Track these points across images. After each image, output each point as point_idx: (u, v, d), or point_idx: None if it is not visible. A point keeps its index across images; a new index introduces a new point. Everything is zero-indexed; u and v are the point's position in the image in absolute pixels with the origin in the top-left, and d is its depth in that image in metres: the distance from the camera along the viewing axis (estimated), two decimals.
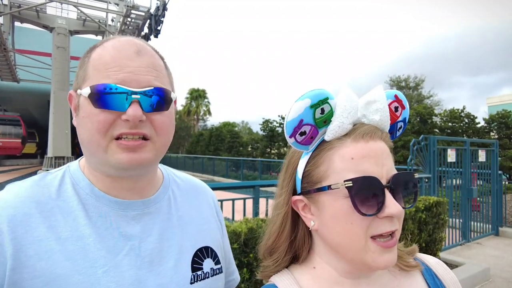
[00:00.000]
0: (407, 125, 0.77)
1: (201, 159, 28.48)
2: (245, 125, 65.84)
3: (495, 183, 7.53)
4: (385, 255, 0.62)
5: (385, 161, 0.64)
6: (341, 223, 0.64)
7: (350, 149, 0.63)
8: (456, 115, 24.91)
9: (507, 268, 5.33)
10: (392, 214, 0.61)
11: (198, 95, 50.48)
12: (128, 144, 0.73)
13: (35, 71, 25.92)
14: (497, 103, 36.74)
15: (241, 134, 41.14)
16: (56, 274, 0.67)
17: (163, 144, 0.80)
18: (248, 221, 2.57)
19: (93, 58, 0.76)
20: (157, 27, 19.73)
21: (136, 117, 0.71)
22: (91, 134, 0.73)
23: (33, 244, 0.68)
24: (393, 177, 0.63)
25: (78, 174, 0.81)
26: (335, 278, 0.70)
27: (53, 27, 19.08)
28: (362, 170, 0.61)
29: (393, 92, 0.73)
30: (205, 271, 0.86)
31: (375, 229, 0.62)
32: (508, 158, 20.35)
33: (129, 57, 0.75)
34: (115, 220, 0.77)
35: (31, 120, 38.25)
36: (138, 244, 0.78)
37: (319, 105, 0.64)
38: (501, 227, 7.46)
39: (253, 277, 2.41)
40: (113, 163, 0.74)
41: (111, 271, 0.72)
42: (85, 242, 0.72)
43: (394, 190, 0.62)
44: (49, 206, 0.73)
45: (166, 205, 0.87)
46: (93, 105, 0.72)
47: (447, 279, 0.76)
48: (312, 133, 0.66)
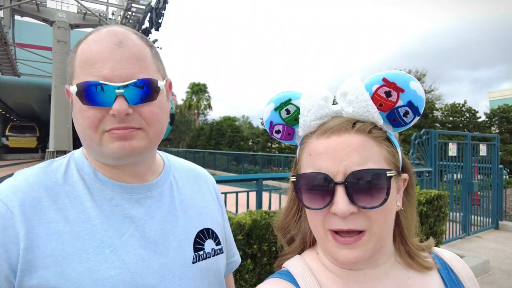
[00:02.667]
0: (420, 108, 0.66)
1: (202, 153, 28.49)
2: (245, 120, 65.67)
3: (496, 177, 7.56)
4: (343, 251, 0.62)
5: (345, 157, 0.61)
6: (308, 212, 0.69)
7: (311, 146, 0.66)
8: (457, 109, 24.85)
9: (507, 261, 5.38)
10: (336, 212, 0.60)
11: (199, 89, 50.28)
12: (118, 133, 0.75)
13: (36, 65, 25.80)
14: (498, 97, 36.60)
15: (242, 129, 41.04)
16: (66, 253, 0.71)
17: (155, 133, 0.82)
18: (252, 213, 2.60)
19: (78, 53, 0.78)
20: (158, 20, 19.57)
21: (121, 112, 0.73)
22: (83, 129, 0.77)
23: (43, 226, 0.72)
24: (350, 174, 0.60)
25: (83, 160, 0.85)
26: (339, 270, 0.70)
27: (53, 20, 18.94)
28: (317, 166, 0.64)
29: (381, 74, 0.65)
30: (207, 251, 0.90)
31: (328, 223, 0.63)
32: (509, 152, 20.35)
33: (110, 50, 0.75)
34: (119, 202, 0.81)
35: (32, 115, 38.19)
36: (142, 225, 0.81)
37: (282, 107, 0.72)
38: (501, 221, 7.51)
39: (257, 268, 2.45)
40: (107, 153, 0.77)
41: (118, 251, 0.76)
42: (92, 223, 0.76)
43: (351, 187, 0.60)
44: (56, 190, 0.77)
45: (168, 189, 0.91)
46: (81, 102, 0.75)
47: (462, 273, 0.75)
48: (287, 130, 0.75)
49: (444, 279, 0.73)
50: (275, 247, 2.52)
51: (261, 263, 2.45)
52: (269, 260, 2.49)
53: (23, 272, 0.69)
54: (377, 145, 0.64)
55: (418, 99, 0.65)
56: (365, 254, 0.62)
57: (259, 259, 2.44)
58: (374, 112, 0.64)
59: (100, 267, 0.72)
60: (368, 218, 0.61)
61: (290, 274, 0.70)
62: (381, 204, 0.61)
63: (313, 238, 0.75)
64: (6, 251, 0.68)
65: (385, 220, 0.64)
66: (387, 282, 0.68)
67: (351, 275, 0.69)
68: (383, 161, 0.63)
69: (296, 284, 0.68)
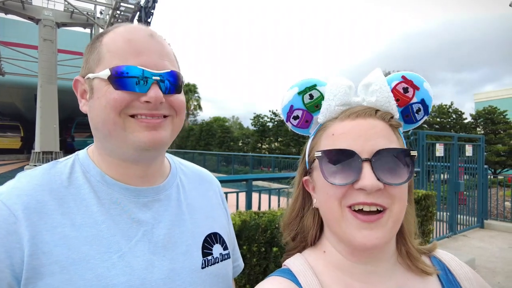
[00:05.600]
0: (429, 108, 0.73)
1: (192, 154, 28.33)
2: (236, 120, 65.61)
3: (481, 177, 7.71)
4: (364, 231, 0.62)
5: (371, 136, 0.64)
6: (322, 194, 0.69)
7: (334, 127, 0.68)
8: (444, 110, 25.31)
9: (491, 259, 5.49)
10: (364, 186, 0.61)
11: (189, 90, 50.01)
12: (150, 122, 0.74)
13: (21, 64, 25.26)
14: (483, 99, 37.39)
15: (232, 129, 40.98)
16: (73, 259, 0.68)
17: (179, 123, 0.83)
18: (242, 213, 2.59)
19: (106, 42, 0.77)
20: (147, 19, 19.42)
21: (158, 99, 0.74)
22: (106, 113, 0.73)
23: (49, 231, 0.68)
24: (377, 152, 0.62)
25: (88, 162, 0.81)
26: (343, 265, 0.70)
27: (39, 18, 18.59)
28: (340, 144, 0.65)
29: (400, 73, 0.72)
30: (215, 256, 0.88)
31: (350, 198, 0.64)
32: (493, 153, 20.82)
33: (144, 40, 0.77)
34: (127, 206, 0.78)
35: (17, 115, 37.35)
36: (151, 230, 0.79)
37: (306, 92, 0.73)
38: (486, 220, 7.67)
39: (246, 269, 2.44)
40: (133, 141, 0.74)
41: (126, 256, 0.73)
42: (99, 228, 0.73)
43: (376, 164, 0.62)
44: (62, 193, 0.74)
45: (175, 192, 0.89)
46: (112, 87, 0.73)
47: (460, 274, 0.75)
48: (306, 116, 0.75)
49: (443, 282, 0.73)
50: (264, 247, 2.51)
51: (251, 264, 2.44)
52: (258, 261, 2.48)
53: (28, 280, 0.65)
54: (395, 133, 0.68)
55: (429, 98, 0.72)
56: (385, 235, 0.63)
57: (248, 260, 2.42)
58: (394, 104, 0.69)
59: (109, 273, 0.69)
60: (390, 196, 0.63)
61: (291, 272, 0.70)
62: (405, 181, 0.64)
63: (315, 236, 0.76)
64: (9, 258, 0.64)
65: (404, 201, 0.66)
66: (388, 282, 0.69)
67: (355, 272, 0.69)
68: (401, 146, 0.68)
69: (297, 282, 0.67)
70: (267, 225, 2.53)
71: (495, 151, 20.93)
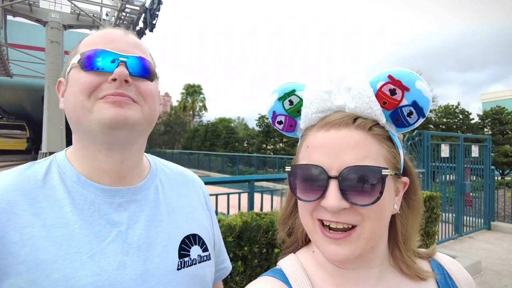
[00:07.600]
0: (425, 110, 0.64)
1: (197, 154, 28.42)
2: (241, 121, 65.68)
3: (488, 178, 7.62)
4: (331, 246, 0.61)
5: (342, 152, 0.60)
6: (299, 204, 0.69)
7: (310, 138, 0.66)
8: (451, 111, 25.04)
9: (498, 261, 5.42)
10: (326, 206, 0.59)
11: (194, 91, 50.21)
12: (114, 98, 0.75)
13: (29, 66, 25.56)
14: (491, 99, 37.00)
15: (237, 130, 41.05)
16: (40, 260, 0.68)
17: (149, 112, 0.82)
18: (243, 214, 2.59)
19: (82, 42, 0.83)
20: (152, 21, 19.51)
21: (122, 76, 0.75)
22: (76, 97, 0.76)
23: (17, 231, 0.69)
24: (345, 169, 0.59)
25: (65, 164, 0.82)
26: (331, 267, 0.69)
27: (46, 21, 18.77)
28: (313, 158, 0.63)
29: (387, 71, 0.63)
30: (192, 257, 0.87)
31: (318, 213, 0.63)
32: (501, 153, 20.55)
33: (117, 33, 0.83)
34: (101, 207, 0.78)
35: (24, 116, 37.76)
36: (125, 230, 0.79)
37: (286, 98, 0.71)
38: (493, 222, 7.58)
39: (247, 270, 2.43)
40: (98, 119, 0.74)
41: (96, 256, 0.73)
42: (70, 228, 0.73)
43: (343, 182, 0.59)
44: (35, 194, 0.74)
45: (153, 193, 0.88)
46: (81, 69, 0.76)
47: (460, 279, 0.73)
48: (289, 122, 0.74)
49: (440, 285, 0.71)
50: (266, 249, 2.50)
51: (252, 265, 2.44)
52: (260, 262, 2.47)
53: None
54: (377, 143, 0.62)
55: (424, 99, 0.62)
56: (354, 251, 0.60)
57: (249, 261, 2.42)
58: (377, 109, 0.62)
59: (76, 274, 0.69)
60: (360, 214, 0.60)
61: (283, 273, 0.70)
62: (373, 202, 0.59)
63: (305, 235, 0.75)
64: None
65: (378, 219, 0.61)
66: (379, 285, 0.67)
67: (344, 274, 0.68)
68: (382, 160, 0.61)
69: (288, 283, 0.67)
70: (268, 226, 2.52)
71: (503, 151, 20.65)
